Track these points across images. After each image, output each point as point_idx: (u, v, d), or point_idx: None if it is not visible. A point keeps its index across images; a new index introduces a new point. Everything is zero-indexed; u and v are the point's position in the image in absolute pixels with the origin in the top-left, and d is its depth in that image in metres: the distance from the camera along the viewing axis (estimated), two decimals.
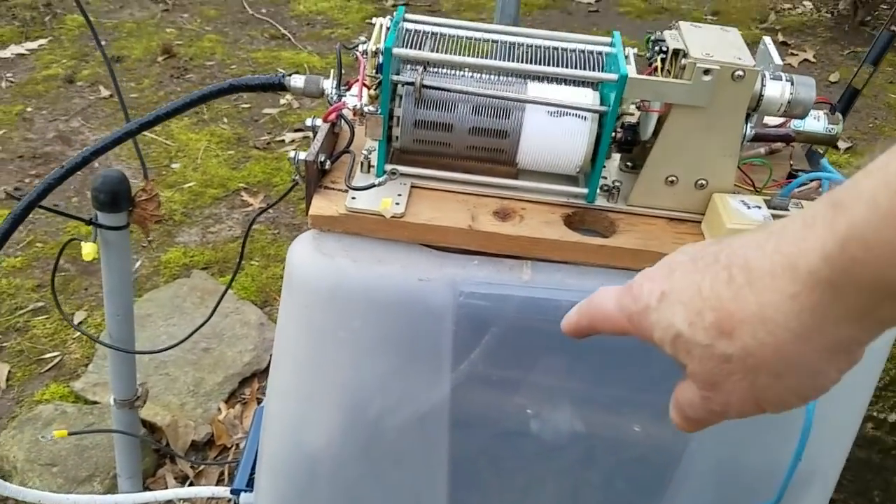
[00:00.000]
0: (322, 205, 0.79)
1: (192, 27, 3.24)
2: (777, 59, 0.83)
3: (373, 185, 0.77)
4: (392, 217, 0.77)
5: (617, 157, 0.89)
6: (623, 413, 0.85)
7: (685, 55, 0.74)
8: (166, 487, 1.48)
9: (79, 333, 1.81)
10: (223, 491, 1.29)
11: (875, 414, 1.40)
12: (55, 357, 1.77)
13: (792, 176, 0.88)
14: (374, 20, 0.83)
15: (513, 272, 0.79)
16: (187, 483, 1.51)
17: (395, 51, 0.76)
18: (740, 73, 0.72)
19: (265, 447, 0.92)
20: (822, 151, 0.97)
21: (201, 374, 1.69)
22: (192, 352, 1.75)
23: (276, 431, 0.90)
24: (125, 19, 3.27)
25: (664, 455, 0.86)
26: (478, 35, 0.85)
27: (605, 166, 0.88)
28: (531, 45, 0.84)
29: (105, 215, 0.99)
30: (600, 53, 0.82)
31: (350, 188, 0.78)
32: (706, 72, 0.72)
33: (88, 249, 0.98)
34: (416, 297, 0.77)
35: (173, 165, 2.39)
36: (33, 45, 3.05)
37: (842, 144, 2.73)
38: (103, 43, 3.16)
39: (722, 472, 0.85)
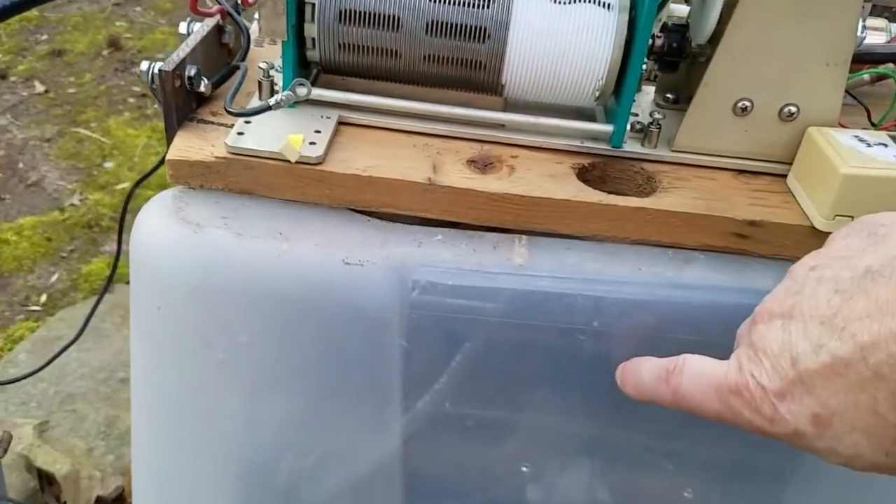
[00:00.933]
0: (190, 145, 0.49)
1: (145, 20, 2.94)
2: None
3: (268, 108, 0.48)
4: (302, 163, 0.48)
5: (650, 90, 0.61)
6: (669, 471, 0.55)
7: None
8: None
9: None
10: None
11: None
12: None
13: None
14: None
15: (498, 252, 0.49)
16: None
17: None
18: None
19: None
20: None
21: (116, 412, 1.37)
22: (107, 383, 1.43)
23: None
24: (72, 13, 2.97)
25: None
26: None
27: (635, 99, 0.59)
28: None
29: None
30: None
31: (232, 113, 0.48)
32: None
33: None
34: (341, 293, 0.47)
35: (106, 164, 2.08)
36: None
37: None
38: (44, 37, 2.87)
39: None
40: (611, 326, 0.48)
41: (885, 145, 0.48)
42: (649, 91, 0.60)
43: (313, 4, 0.50)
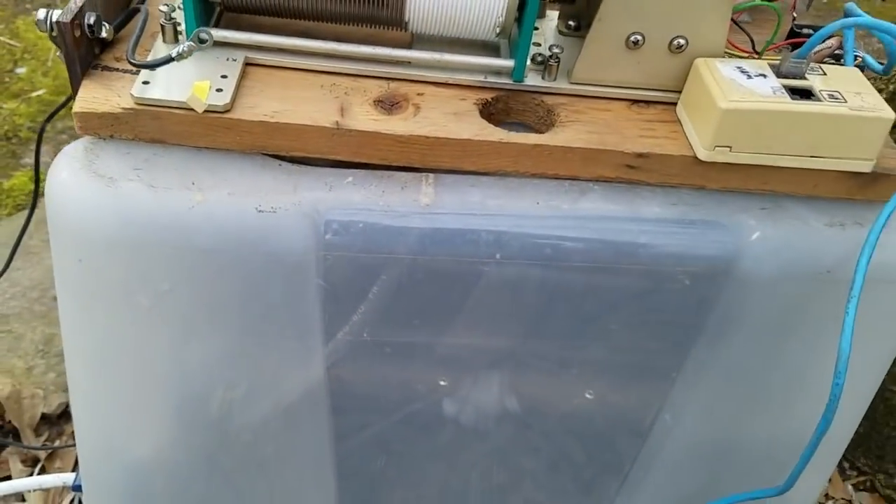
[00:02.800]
0: (96, 96, 0.50)
1: None
2: None
3: (170, 60, 0.48)
4: (209, 112, 0.49)
5: (554, 16, 0.62)
6: (572, 377, 0.61)
7: None
8: (10, 474, 1.20)
9: None
10: (70, 479, 1.01)
11: None
12: None
13: (795, 35, 0.62)
14: None
15: (406, 193, 0.52)
16: (38, 467, 1.23)
17: None
18: None
19: (81, 454, 0.65)
20: None
21: (53, 330, 1.38)
22: (41, 301, 1.43)
23: (87, 437, 0.63)
24: None
25: (627, 429, 0.63)
26: None
27: (537, 27, 0.61)
28: None
29: None
30: None
31: (135, 65, 0.49)
32: None
33: None
34: (255, 239, 0.49)
35: (18, 70, 1.98)
36: None
37: None
38: None
39: (704, 450, 0.63)
40: (512, 258, 0.51)
41: (765, 76, 0.52)
42: (554, 16, 0.62)
43: None
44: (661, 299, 0.53)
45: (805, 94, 0.50)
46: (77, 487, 0.96)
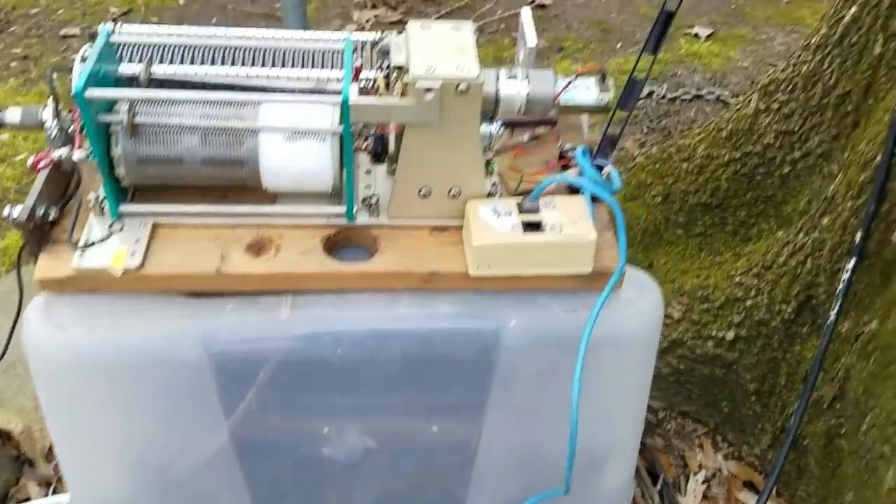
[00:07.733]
0: (49, 265, 0.72)
1: None
2: (531, 40, 0.79)
3: (92, 244, 0.71)
4: (126, 272, 0.72)
5: (384, 165, 0.84)
6: (420, 417, 0.84)
7: (407, 71, 0.68)
8: (28, 497, 1.44)
9: None
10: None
11: (714, 333, 1.46)
12: None
13: (563, 157, 0.84)
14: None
15: (271, 312, 0.74)
16: (51, 489, 1.47)
17: (89, 93, 0.67)
18: (463, 87, 0.67)
19: (72, 496, 0.89)
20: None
21: None
22: None
23: (77, 485, 0.87)
24: None
25: (462, 450, 0.86)
26: (205, 42, 0.77)
27: (370, 171, 0.83)
28: (273, 49, 0.77)
29: None
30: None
31: (75, 246, 0.71)
32: (428, 90, 0.67)
33: None
34: (165, 358, 0.72)
35: (1, 137, 2.20)
36: None
37: (703, 31, 2.69)
38: None
39: (517, 460, 0.87)
40: (348, 351, 0.74)
41: (510, 213, 0.74)
42: (384, 166, 0.84)
43: (119, 156, 0.71)
44: (460, 364, 0.77)
45: (535, 226, 0.73)
46: None
